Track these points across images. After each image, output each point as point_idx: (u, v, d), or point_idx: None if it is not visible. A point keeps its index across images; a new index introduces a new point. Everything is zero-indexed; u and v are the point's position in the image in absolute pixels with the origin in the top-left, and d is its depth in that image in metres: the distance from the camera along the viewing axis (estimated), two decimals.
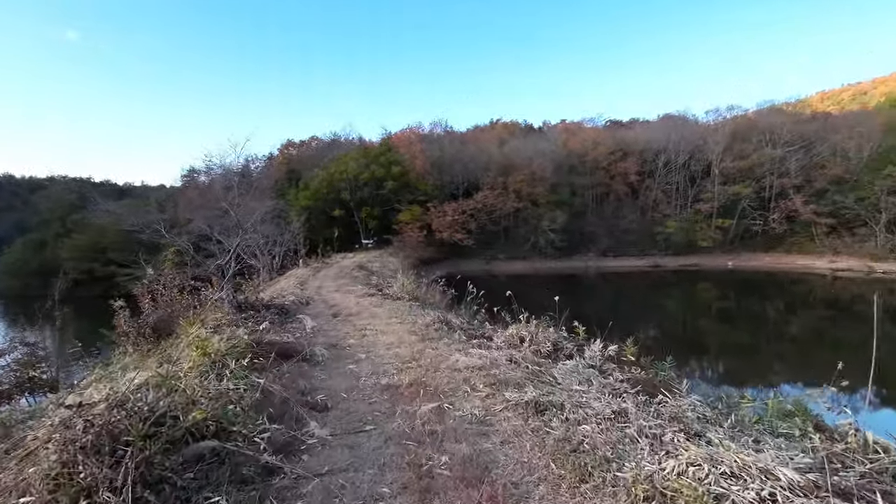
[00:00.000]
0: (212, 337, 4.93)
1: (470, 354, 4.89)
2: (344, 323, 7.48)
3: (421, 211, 43.19)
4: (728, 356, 17.27)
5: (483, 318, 10.09)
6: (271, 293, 12.83)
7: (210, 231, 16.33)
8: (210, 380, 3.37)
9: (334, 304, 9.84)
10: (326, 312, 8.72)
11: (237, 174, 52.69)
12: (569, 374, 4.77)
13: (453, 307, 12.63)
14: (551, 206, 48.55)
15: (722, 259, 48.58)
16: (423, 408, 3.18)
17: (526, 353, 5.01)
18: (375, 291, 12.01)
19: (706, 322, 24.44)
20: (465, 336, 6.70)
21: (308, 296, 11.22)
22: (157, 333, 9.29)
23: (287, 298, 9.83)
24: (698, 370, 15.09)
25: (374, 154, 44.34)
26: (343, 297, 11.32)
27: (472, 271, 47.21)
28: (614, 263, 49.92)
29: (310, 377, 4.07)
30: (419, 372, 4.16)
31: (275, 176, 50.92)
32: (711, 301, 31.08)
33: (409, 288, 12.95)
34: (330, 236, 36.71)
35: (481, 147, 52.17)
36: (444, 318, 7.79)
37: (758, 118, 55.26)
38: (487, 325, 7.89)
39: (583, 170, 54.12)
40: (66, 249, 47.97)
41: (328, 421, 3.13)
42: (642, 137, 54.73)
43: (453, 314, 8.96)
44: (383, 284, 14.42)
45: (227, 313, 6.96)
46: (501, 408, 3.13)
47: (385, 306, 9.50)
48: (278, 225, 25.98)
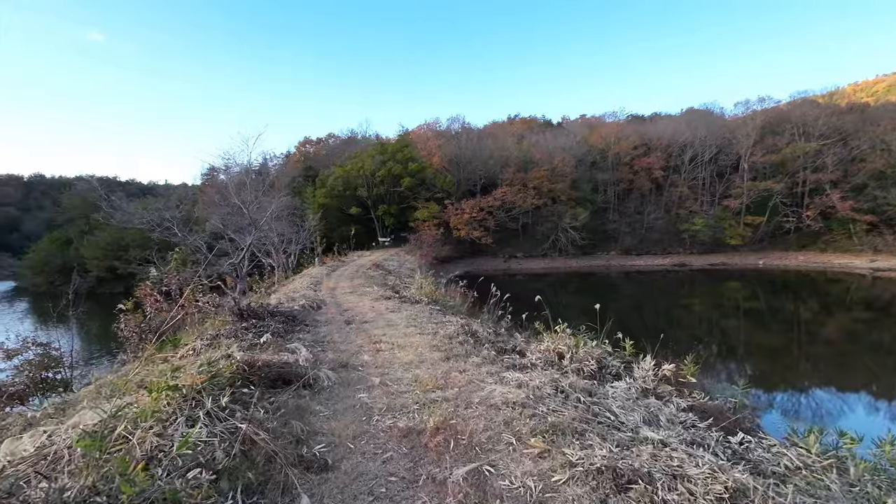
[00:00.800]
0: (193, 358, 4.17)
1: (506, 381, 4.01)
2: (357, 332, 6.68)
3: (438, 208, 42.38)
4: (775, 364, 15.96)
5: (509, 325, 9.21)
6: (283, 294, 12.17)
7: (223, 229, 15.82)
8: (177, 425, 2.59)
9: (348, 309, 9.07)
10: (339, 318, 7.94)
11: (254, 172, 52.86)
12: (629, 408, 3.86)
13: (475, 311, 11.78)
14: (572, 203, 47.21)
15: (751, 258, 46.59)
16: (456, 472, 2.33)
17: (572, 379, 4.11)
18: (392, 294, 11.22)
19: (740, 324, 23.01)
20: (494, 351, 5.82)
21: (321, 298, 10.48)
22: (161, 338, 8.68)
23: (297, 302, 9.09)
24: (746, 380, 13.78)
25: (391, 150, 43.66)
26: (358, 300, 10.56)
27: (490, 270, 46.26)
28: (637, 262, 48.36)
29: (309, 414, 3.25)
30: (446, 408, 3.31)
31: (291, 173, 50.73)
32: (741, 301, 29.52)
33: (428, 290, 12.15)
34: (346, 234, 36.22)
35: (499, 143, 51.02)
36: (468, 328, 6.92)
37: (790, 110, 52.78)
38: (518, 337, 6.99)
39: (604, 165, 52.60)
40: (88, 247, 48.64)
41: (326, 490, 2.30)
42: (667, 132, 52.82)
43: (477, 321, 8.10)
44: (400, 285, 13.64)
45: (228, 322, 6.23)
46: (564, 478, 2.25)
47: (403, 311, 8.69)
48: (294, 223, 25.48)
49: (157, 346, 8.50)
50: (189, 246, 16.76)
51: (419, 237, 37.95)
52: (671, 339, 19.04)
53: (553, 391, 3.81)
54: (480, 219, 42.19)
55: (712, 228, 46.30)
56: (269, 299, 10.11)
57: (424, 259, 33.46)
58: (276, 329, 5.97)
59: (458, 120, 53.75)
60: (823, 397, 12.41)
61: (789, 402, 12.14)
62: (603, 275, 45.19)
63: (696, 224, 46.44)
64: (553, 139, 55.10)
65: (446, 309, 10.35)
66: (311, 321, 7.43)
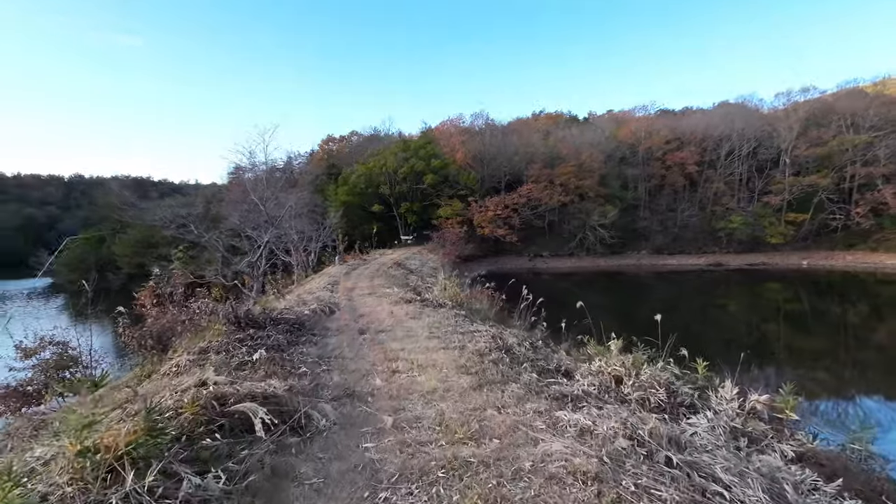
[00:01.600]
0: (169, 380, 3.32)
1: (562, 427, 2.98)
2: (371, 345, 5.74)
3: (462, 206, 41.34)
4: (827, 371, 14.31)
5: (545, 333, 8.13)
6: (297, 295, 11.39)
7: (240, 226, 15.23)
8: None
9: (363, 314, 8.16)
10: (352, 326, 7.04)
11: (279, 170, 52.98)
12: (735, 470, 2.76)
13: (504, 316, 10.72)
14: (601, 200, 45.42)
15: (793, 257, 43.83)
16: None
17: (652, 424, 3.03)
18: (413, 296, 10.28)
19: (794, 328, 21.19)
20: (535, 373, 4.78)
21: (335, 301, 9.63)
22: (162, 345, 7.97)
23: (308, 305, 8.25)
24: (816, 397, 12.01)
25: (413, 147, 42.86)
26: (376, 304, 9.66)
27: (515, 269, 44.95)
28: (670, 262, 46.17)
29: (290, 483, 2.31)
30: (485, 478, 2.30)
31: (315, 171, 50.59)
32: (785, 303, 27.48)
33: (452, 292, 11.14)
34: (368, 232, 35.60)
35: (524, 139, 49.55)
36: (501, 341, 5.90)
37: (835, 101, 49.40)
38: (561, 353, 5.93)
39: (634, 161, 50.48)
40: (119, 245, 49.63)
41: None
42: (701, 125, 50.32)
43: (510, 331, 7.05)
44: (422, 286, 12.69)
45: (222, 332, 5.37)
46: None
47: (424, 318, 7.73)
48: (314, 220, 24.92)
49: (160, 350, 7.78)
50: (206, 244, 16.25)
51: (442, 235, 37.04)
52: (710, 342, 17.19)
53: (630, 444, 2.76)
54: (505, 216, 40.94)
55: (751, 226, 43.76)
56: (280, 302, 9.32)
57: (447, 258, 32.50)
58: (277, 341, 5.09)
59: (482, 116, 52.49)
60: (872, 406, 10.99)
61: (837, 410, 10.79)
62: (633, 275, 43.34)
63: (734, 222, 43.97)
64: (580, 134, 53.29)
65: (473, 314, 9.34)
66: (320, 329, 6.55)
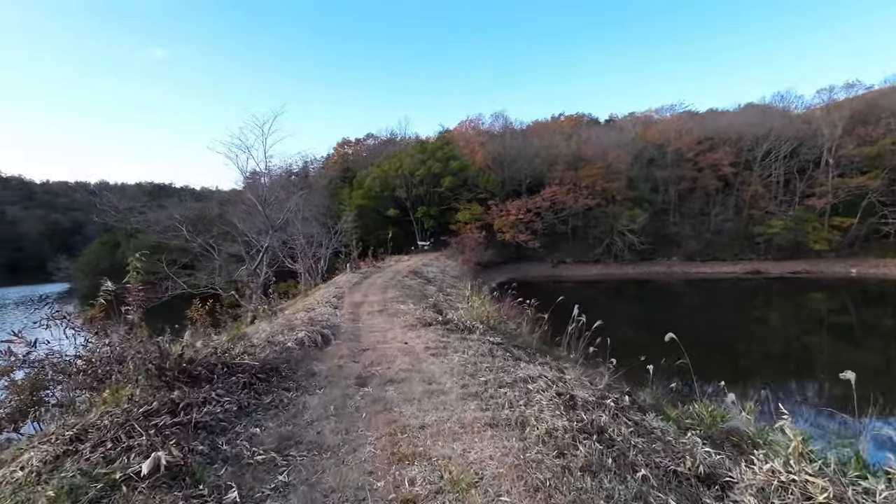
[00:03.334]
0: None
1: None
2: (372, 416, 3.74)
3: (481, 210, 39.32)
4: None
5: (613, 374, 6.05)
6: (294, 311, 9.53)
7: (234, 229, 13.54)
8: None
9: (368, 347, 6.19)
10: (350, 370, 5.09)
11: (295, 174, 51.82)
12: None
13: (549, 341, 8.65)
14: (628, 204, 42.86)
15: (839, 265, 40.48)
16: None
17: None
18: (433, 316, 8.30)
19: (849, 347, 18.51)
20: (666, 480, 2.75)
21: (335, 322, 7.72)
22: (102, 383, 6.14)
23: (297, 331, 6.32)
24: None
25: (430, 149, 41.05)
26: (386, 326, 7.72)
27: (537, 276, 42.65)
28: (703, 269, 43.26)
29: None
30: None
31: (329, 175, 49.23)
32: (832, 316, 24.62)
33: (481, 311, 9.09)
34: (384, 237, 33.85)
35: (545, 140, 47.36)
36: (571, 399, 3.88)
37: (882, 97, 45.80)
38: (698, 447, 3.89)
39: (663, 163, 47.72)
40: (131, 250, 48.95)
41: None
42: (735, 124, 47.40)
43: (571, 374, 5.00)
44: (443, 302, 10.69)
45: (136, 394, 3.45)
46: None
47: (450, 352, 5.75)
48: (324, 224, 23.16)
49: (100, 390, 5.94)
50: (199, 251, 14.65)
51: (461, 240, 35.04)
52: (755, 359, 14.27)
53: None
54: (527, 221, 38.74)
55: (793, 231, 40.65)
56: (265, 324, 7.44)
57: (467, 264, 30.51)
58: (220, 411, 3.18)
59: (502, 116, 50.51)
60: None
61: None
62: (663, 283, 40.65)
63: (774, 226, 40.92)
64: (605, 136, 50.89)
65: (511, 341, 7.31)
66: (302, 375, 4.65)
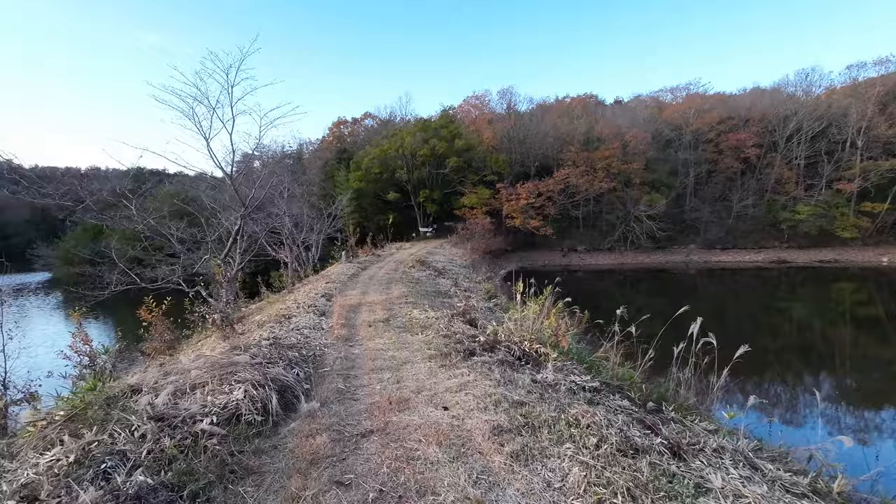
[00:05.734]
0: None
1: None
2: None
3: (489, 194, 36.41)
4: None
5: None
6: (263, 319, 6.77)
7: (185, 206, 10.76)
8: None
9: (373, 428, 3.29)
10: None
11: (288, 156, 48.75)
12: None
13: (648, 374, 5.93)
14: (646, 188, 40.00)
15: (869, 253, 37.91)
16: None
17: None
18: (468, 332, 5.55)
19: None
20: None
21: (319, 343, 4.99)
22: None
23: (234, 389, 3.50)
24: None
25: (434, 127, 37.90)
26: (400, 352, 4.99)
27: (548, 265, 39.97)
28: (723, 258, 40.63)
29: None
30: None
31: (324, 156, 46.15)
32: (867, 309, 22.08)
33: (534, 327, 6.26)
34: (383, 223, 31.04)
35: (555, 120, 44.31)
36: None
37: None
38: None
39: (680, 144, 44.73)
40: (113, 237, 46.00)
41: None
42: (759, 104, 44.41)
43: None
44: (473, 306, 7.91)
45: None
46: None
47: (550, 449, 3.01)
48: (316, 207, 20.28)
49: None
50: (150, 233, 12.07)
51: (468, 227, 32.22)
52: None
53: None
54: (539, 205, 35.89)
55: (821, 217, 37.99)
56: (210, 349, 4.71)
57: (476, 253, 27.76)
58: None
59: (510, 92, 47.22)
60: None
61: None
62: (680, 272, 38.01)
63: (802, 212, 38.22)
64: (617, 116, 47.85)
65: (610, 388, 4.58)
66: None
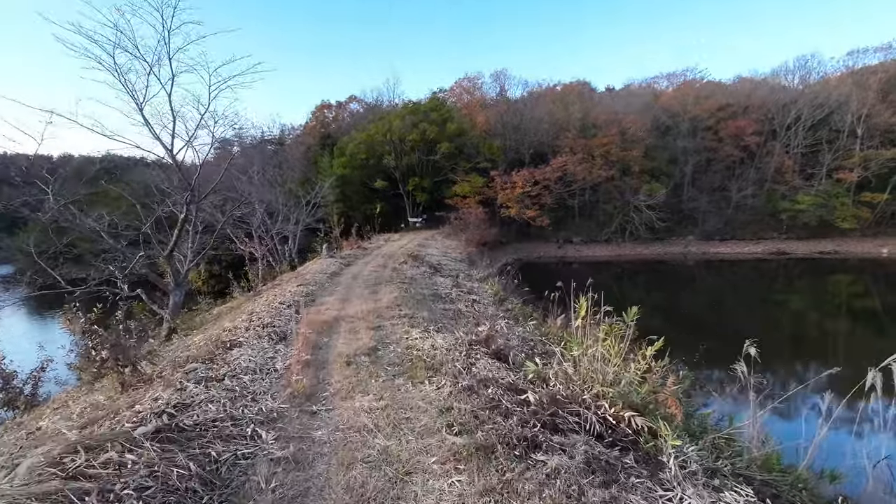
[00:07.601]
0: None
1: None
2: None
3: (482, 182, 34.35)
4: None
5: None
6: (191, 349, 4.68)
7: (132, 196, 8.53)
8: None
9: None
10: None
11: (269, 142, 45.94)
12: None
13: None
14: (645, 177, 38.43)
15: (868, 244, 37.04)
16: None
17: None
18: (504, 381, 3.55)
19: None
20: None
21: (261, 409, 2.97)
22: None
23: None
24: None
25: (424, 110, 35.56)
26: (387, 418, 2.98)
27: (543, 257, 38.25)
28: (721, 249, 39.41)
29: None
30: None
31: (307, 142, 43.46)
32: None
33: (611, 375, 4.27)
34: (370, 213, 28.84)
35: (551, 107, 42.38)
36: None
37: None
38: None
39: (677, 132, 43.16)
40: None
41: None
42: (759, 90, 43.10)
43: None
44: (494, 332, 5.90)
45: None
46: None
47: None
48: (294, 194, 18.01)
49: None
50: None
51: (461, 217, 30.19)
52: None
53: None
54: (535, 194, 33.99)
55: (822, 208, 36.98)
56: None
57: (470, 245, 25.80)
58: None
59: (504, 74, 45.01)
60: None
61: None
62: (679, 264, 36.88)
63: (802, 203, 37.11)
64: (613, 103, 46.13)
65: None
66: None
